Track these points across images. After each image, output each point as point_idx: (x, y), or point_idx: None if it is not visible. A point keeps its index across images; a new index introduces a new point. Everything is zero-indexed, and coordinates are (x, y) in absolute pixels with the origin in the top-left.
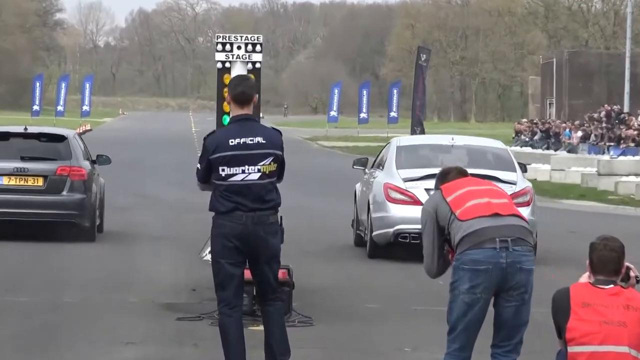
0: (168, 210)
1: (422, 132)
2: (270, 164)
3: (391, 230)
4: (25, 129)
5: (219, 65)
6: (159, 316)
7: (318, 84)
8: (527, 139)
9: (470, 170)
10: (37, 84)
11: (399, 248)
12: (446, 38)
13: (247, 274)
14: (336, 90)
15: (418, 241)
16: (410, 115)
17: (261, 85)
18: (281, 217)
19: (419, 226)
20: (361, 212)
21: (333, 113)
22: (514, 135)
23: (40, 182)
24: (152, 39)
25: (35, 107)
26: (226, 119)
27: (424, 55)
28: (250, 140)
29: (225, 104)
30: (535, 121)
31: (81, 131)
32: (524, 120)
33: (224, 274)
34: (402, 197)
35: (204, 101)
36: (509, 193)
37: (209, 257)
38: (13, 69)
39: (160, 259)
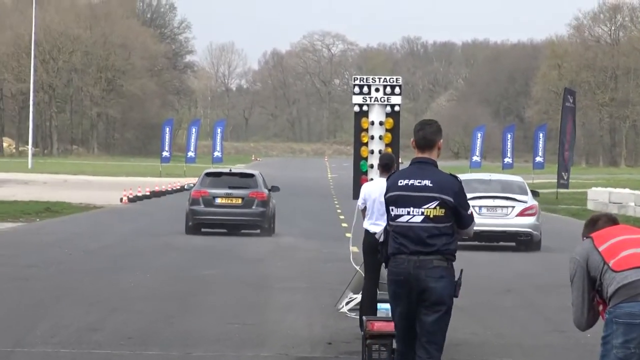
0: (303, 260)
1: (568, 178)
2: (435, 208)
3: None
4: (230, 170)
5: (356, 108)
6: None
7: (460, 127)
8: None
9: (498, 194)
10: (167, 129)
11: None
12: (595, 79)
13: (386, 326)
14: (479, 134)
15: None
16: (557, 161)
17: (400, 130)
18: (462, 270)
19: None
20: None
21: (476, 158)
22: None
23: (239, 201)
24: (286, 81)
25: (165, 153)
26: (364, 165)
27: (571, 97)
28: (418, 182)
29: (363, 148)
30: None
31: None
32: None
33: (396, 322)
34: None
35: (340, 146)
36: (521, 208)
37: (345, 308)
38: (142, 114)
39: (295, 310)
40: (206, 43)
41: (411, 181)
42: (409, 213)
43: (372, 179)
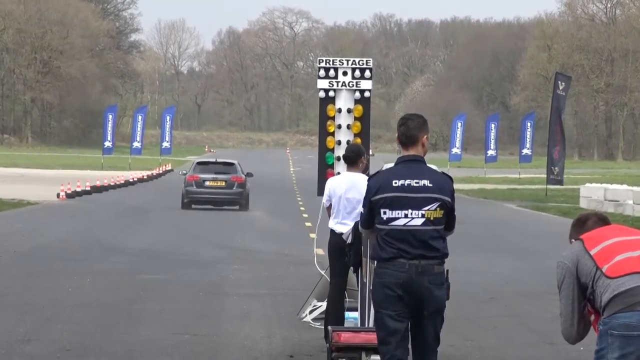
0: (262, 263)
1: (561, 174)
2: (436, 209)
3: None
4: (216, 160)
5: (322, 94)
6: None
7: (438, 116)
8: None
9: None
10: (110, 116)
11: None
12: (588, 62)
13: (355, 338)
14: (459, 124)
15: None
16: (547, 153)
17: (370, 118)
18: (447, 270)
19: None
20: None
21: (456, 150)
22: None
23: (223, 184)
24: (243, 64)
25: (108, 144)
26: (331, 158)
27: (563, 83)
28: (416, 182)
29: (329, 139)
30: None
31: (160, 172)
32: None
33: (386, 327)
34: None
35: (304, 136)
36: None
37: (309, 317)
38: (81, 99)
39: (252, 319)
40: (154, 20)
41: (408, 181)
42: (406, 216)
43: (338, 173)
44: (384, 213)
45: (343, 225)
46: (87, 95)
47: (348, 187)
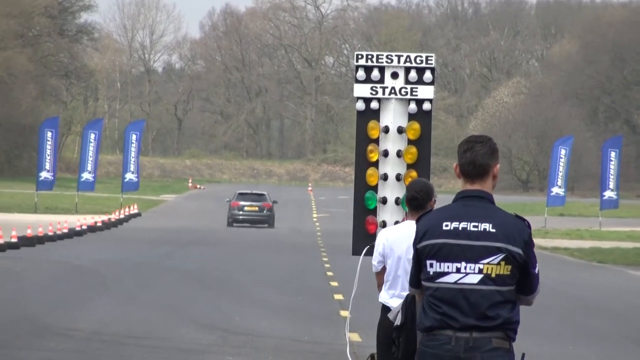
0: (268, 354)
1: None
2: (499, 263)
3: None
4: (252, 191)
5: (360, 105)
6: None
7: (532, 139)
8: None
9: None
10: (49, 134)
11: None
12: None
13: None
14: (563, 151)
15: None
16: None
17: (432, 141)
18: (523, 354)
19: None
20: None
21: (557, 190)
22: None
23: (256, 208)
24: (245, 59)
25: (45, 175)
26: (373, 200)
27: None
28: (474, 226)
29: (370, 171)
30: None
31: (122, 216)
32: None
33: None
34: None
35: (333, 167)
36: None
37: None
38: (7, 109)
39: None
40: None
41: (463, 224)
42: (458, 270)
43: (396, 223)
44: (431, 266)
45: (402, 299)
46: (14, 102)
47: (411, 242)
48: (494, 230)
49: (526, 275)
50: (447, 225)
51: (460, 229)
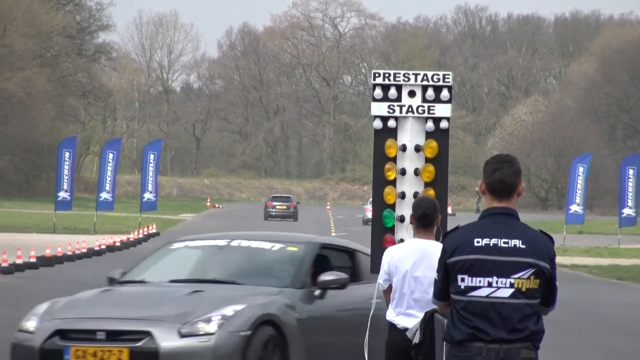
0: None
1: None
2: (529, 278)
3: None
4: (281, 195)
5: (378, 124)
6: None
7: (551, 157)
8: None
9: None
10: (67, 154)
11: None
12: None
13: None
14: (581, 169)
15: None
16: None
17: (449, 159)
18: None
19: None
20: None
21: (575, 208)
22: None
23: (285, 207)
24: (263, 78)
25: (63, 195)
26: (391, 219)
27: None
28: (504, 242)
29: (388, 189)
30: None
31: (140, 236)
32: None
33: None
34: None
35: (352, 186)
36: None
37: None
38: (25, 129)
39: None
40: (132, 13)
41: (493, 240)
42: (490, 285)
43: (401, 241)
44: (462, 280)
45: (408, 317)
46: (32, 122)
47: (417, 259)
48: (524, 247)
49: (550, 288)
50: (478, 242)
51: (491, 245)
